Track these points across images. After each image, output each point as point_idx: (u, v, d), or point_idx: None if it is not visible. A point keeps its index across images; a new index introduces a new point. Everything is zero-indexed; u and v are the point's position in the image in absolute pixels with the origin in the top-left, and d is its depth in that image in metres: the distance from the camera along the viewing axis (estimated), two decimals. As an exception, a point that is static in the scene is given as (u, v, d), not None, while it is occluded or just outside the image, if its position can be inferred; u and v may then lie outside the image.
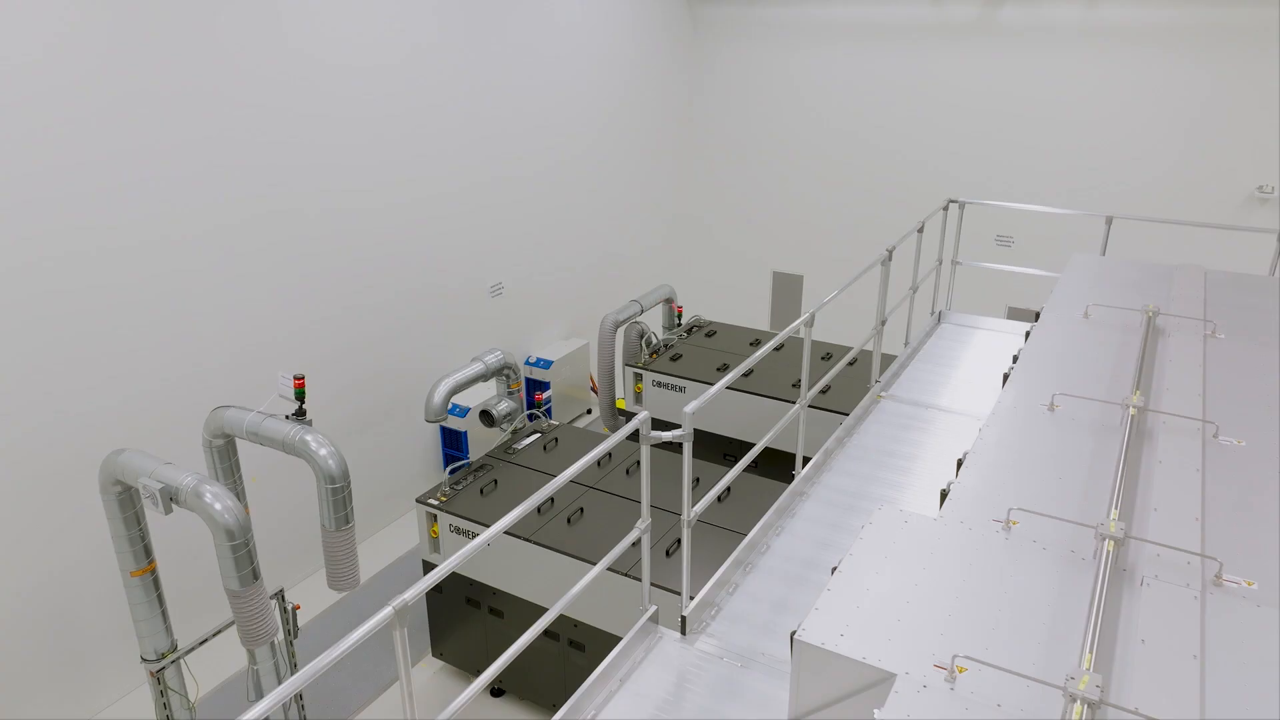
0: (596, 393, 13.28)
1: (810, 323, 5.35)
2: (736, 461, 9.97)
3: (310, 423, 6.07)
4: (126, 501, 5.74)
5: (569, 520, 7.24)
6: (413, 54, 9.41)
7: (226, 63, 7.57)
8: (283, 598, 6.67)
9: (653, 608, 4.43)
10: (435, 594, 7.80)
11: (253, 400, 8.30)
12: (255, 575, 5.44)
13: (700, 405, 4.11)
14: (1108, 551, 3.03)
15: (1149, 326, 5.12)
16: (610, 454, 8.26)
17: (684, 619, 4.39)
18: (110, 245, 6.98)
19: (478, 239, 10.88)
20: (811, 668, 2.80)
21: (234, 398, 8.14)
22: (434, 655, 8.08)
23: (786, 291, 15.14)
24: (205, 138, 7.52)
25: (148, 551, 5.95)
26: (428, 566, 7.72)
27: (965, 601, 2.95)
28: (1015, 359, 5.43)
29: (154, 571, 6.00)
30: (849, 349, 10.66)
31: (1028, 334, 6.34)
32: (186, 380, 7.73)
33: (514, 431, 8.73)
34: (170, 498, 5.29)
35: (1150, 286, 6.07)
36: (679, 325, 11.84)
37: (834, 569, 3.40)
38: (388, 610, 2.80)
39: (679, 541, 6.89)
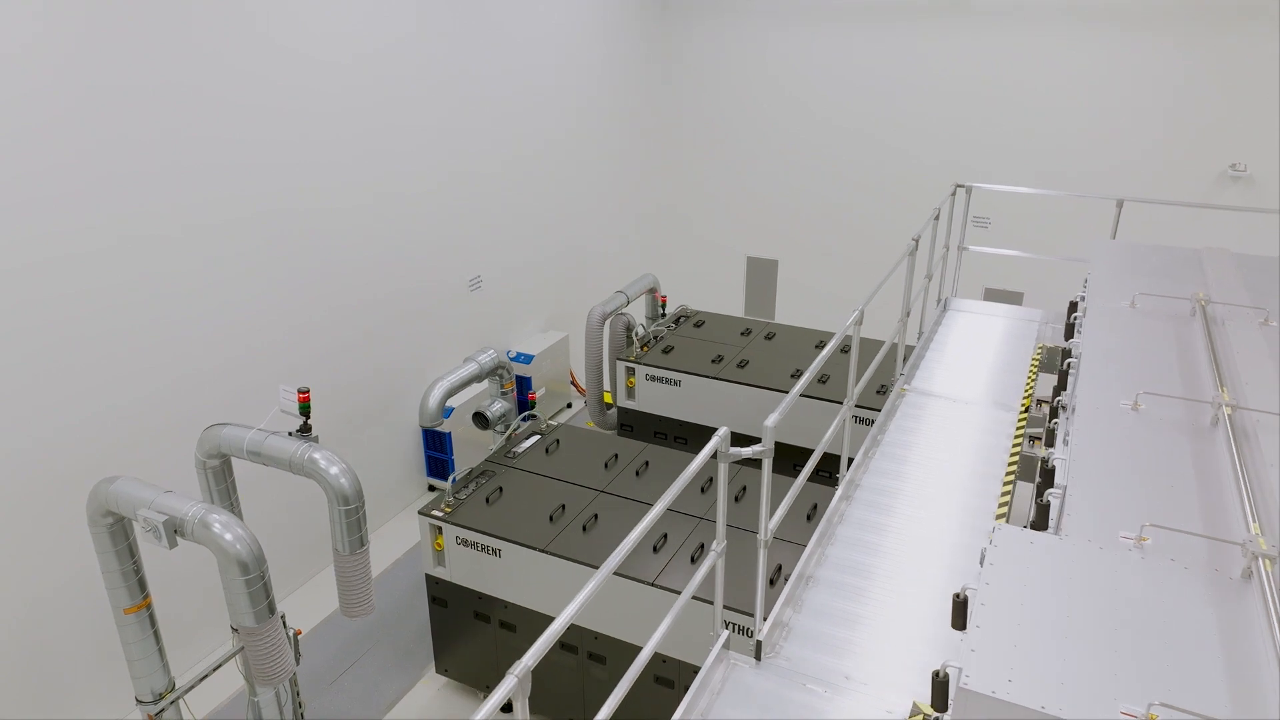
0: (577, 387, 12.93)
1: (860, 320, 5.11)
2: (735, 455, 9.75)
3: (316, 439, 5.63)
4: (119, 533, 5.24)
5: (584, 528, 6.92)
6: (391, 45, 8.86)
7: (200, 57, 6.98)
8: (284, 624, 6.22)
9: (724, 633, 4.15)
10: (441, 608, 7.41)
11: (233, 411, 7.77)
12: (271, 609, 5.02)
13: (780, 417, 3.83)
14: (1265, 573, 2.84)
15: (1204, 316, 5.00)
16: (616, 455, 7.95)
17: (759, 644, 4.12)
18: (77, 250, 6.38)
19: (455, 233, 10.41)
20: (979, 717, 2.55)
21: (213, 408, 7.60)
22: (437, 671, 7.70)
23: (761, 277, 14.95)
24: (179, 136, 6.92)
25: (142, 585, 5.46)
26: (431, 581, 7.32)
27: (1125, 635, 2.74)
28: (1067, 353, 5.28)
29: (149, 607, 5.52)
30: (829, 334, 10.49)
31: (1070, 326, 6.22)
32: (162, 392, 7.17)
33: (509, 434, 8.35)
34: (174, 530, 4.83)
35: (1183, 272, 5.97)
36: (663, 315, 11.55)
37: (958, 596, 3.17)
38: (511, 681, 2.46)
39: (702, 547, 6.64)
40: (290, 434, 5.64)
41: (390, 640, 8.33)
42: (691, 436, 9.83)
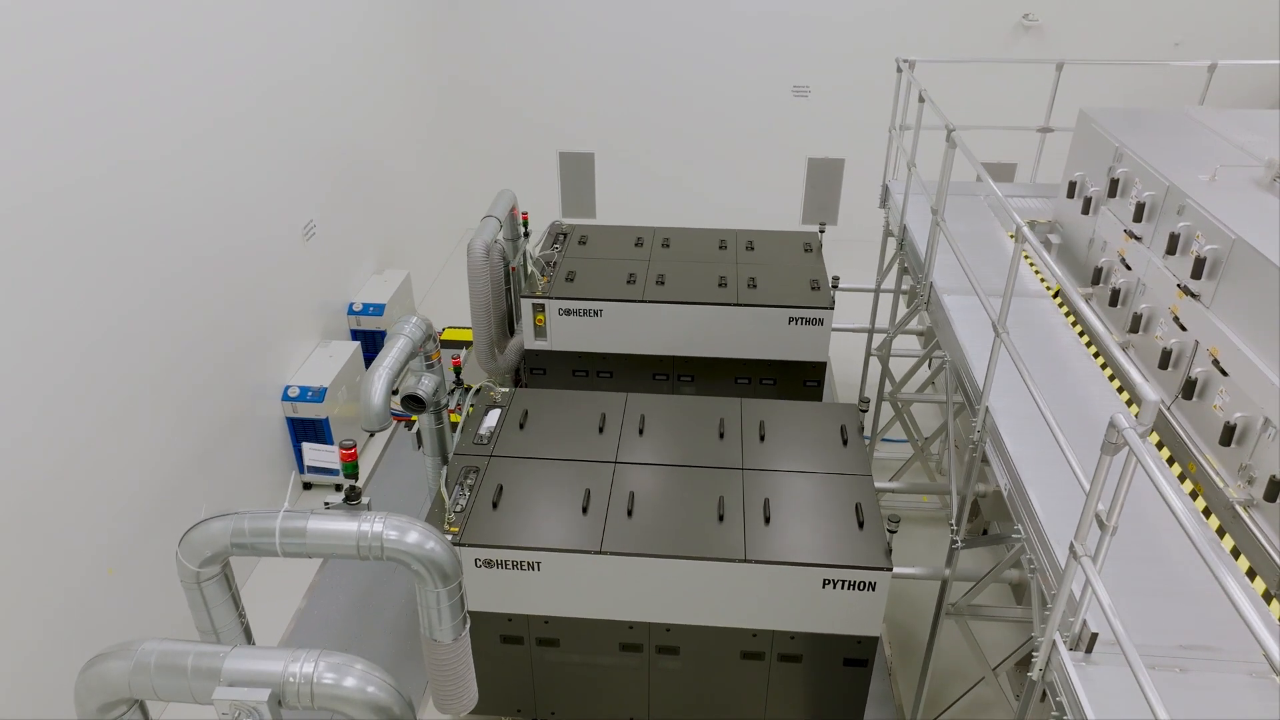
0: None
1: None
2: (670, 382, 8.95)
3: (368, 505, 4.09)
4: (137, 716, 3.48)
5: (628, 513, 5.91)
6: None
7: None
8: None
9: (1054, 636, 3.57)
10: (452, 644, 6.10)
11: (66, 479, 5.62)
12: (423, 758, 3.62)
13: (1156, 392, 3.18)
14: None
15: (1305, 185, 5.00)
16: (604, 414, 6.87)
17: (1094, 635, 3.59)
18: None
19: (278, 172, 8.21)
20: None
21: (36, 483, 5.42)
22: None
23: (577, 172, 13.77)
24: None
25: (169, 772, 3.74)
26: (439, 615, 5.96)
27: None
28: (1172, 240, 5.05)
29: (182, 795, 3.82)
30: (725, 231, 9.86)
31: (1088, 201, 6.05)
32: None
33: (449, 412, 6.91)
34: (279, 701, 3.23)
35: (1199, 135, 6.02)
36: (526, 235, 10.17)
37: None
38: None
39: (766, 502, 5.92)
40: (328, 505, 4.04)
41: (358, 688, 6.82)
42: (617, 369, 8.86)
